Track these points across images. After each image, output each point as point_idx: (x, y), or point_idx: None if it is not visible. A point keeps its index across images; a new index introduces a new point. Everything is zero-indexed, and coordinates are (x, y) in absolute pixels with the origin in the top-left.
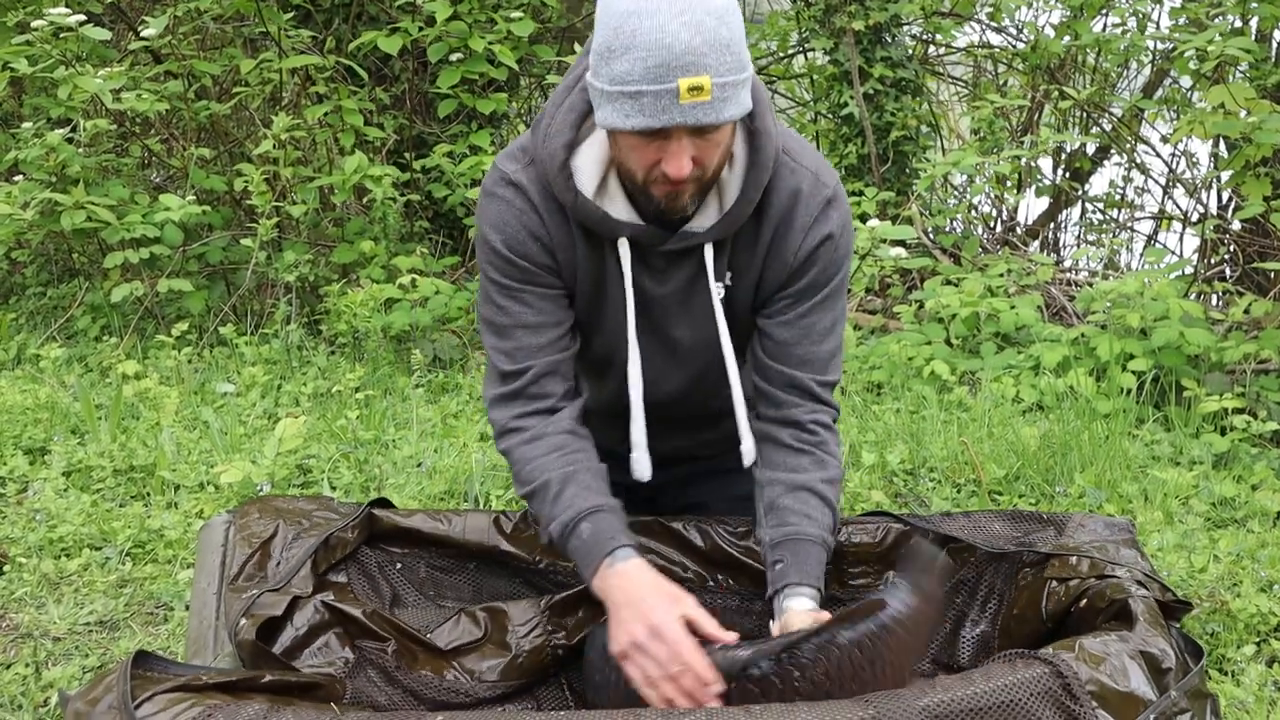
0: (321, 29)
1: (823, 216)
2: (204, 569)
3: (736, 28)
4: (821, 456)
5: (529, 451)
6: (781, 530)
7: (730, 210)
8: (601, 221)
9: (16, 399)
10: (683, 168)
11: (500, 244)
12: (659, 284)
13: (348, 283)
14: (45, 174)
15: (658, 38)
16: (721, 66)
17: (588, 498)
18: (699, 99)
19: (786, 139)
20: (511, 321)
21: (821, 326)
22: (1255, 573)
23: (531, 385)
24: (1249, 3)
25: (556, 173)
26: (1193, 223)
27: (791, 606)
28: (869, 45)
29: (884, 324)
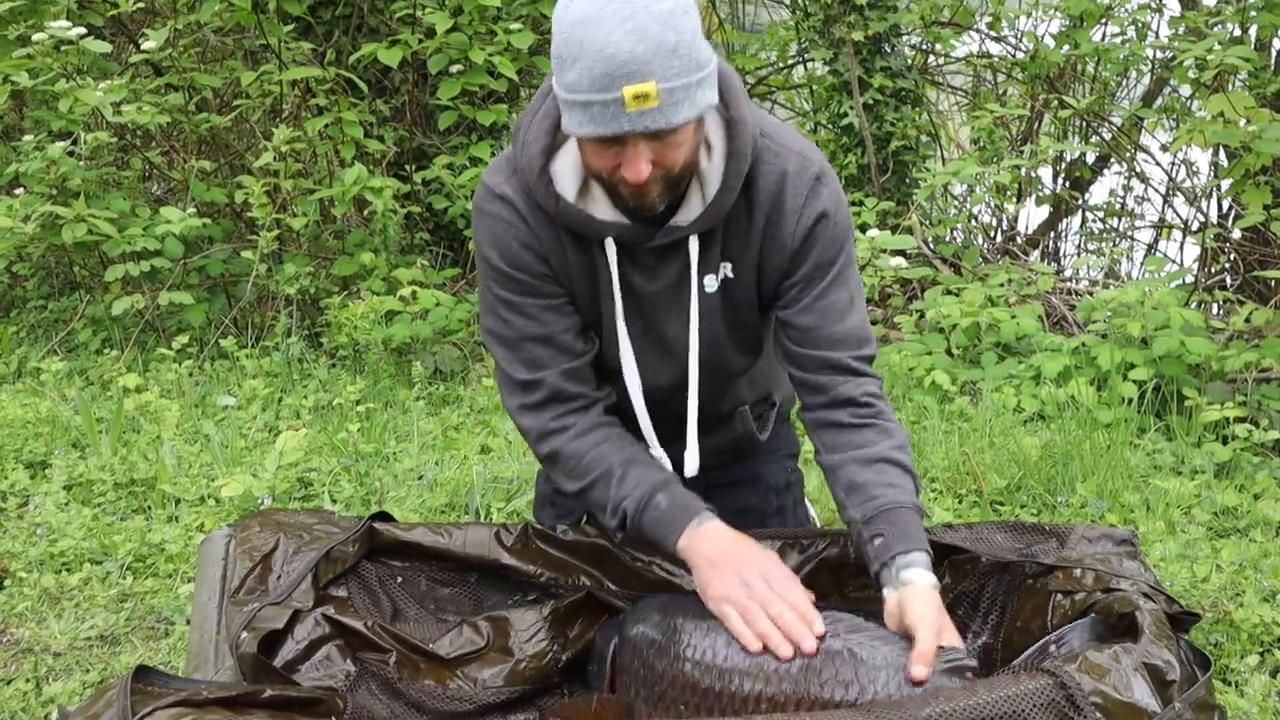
0: (322, 41)
1: (813, 195)
2: (205, 583)
3: (686, 30)
4: (884, 425)
5: (580, 445)
6: (872, 505)
7: (713, 201)
8: (586, 223)
9: (17, 413)
10: (640, 172)
11: (496, 258)
12: (650, 280)
13: (348, 295)
14: (46, 187)
15: (602, 47)
16: (668, 71)
17: (656, 474)
18: (646, 106)
19: (766, 124)
20: (518, 334)
21: (840, 304)
22: (1258, 582)
23: (556, 390)
24: (1248, 11)
25: (536, 179)
26: (1193, 231)
27: (911, 579)
28: (868, 55)
29: (885, 334)
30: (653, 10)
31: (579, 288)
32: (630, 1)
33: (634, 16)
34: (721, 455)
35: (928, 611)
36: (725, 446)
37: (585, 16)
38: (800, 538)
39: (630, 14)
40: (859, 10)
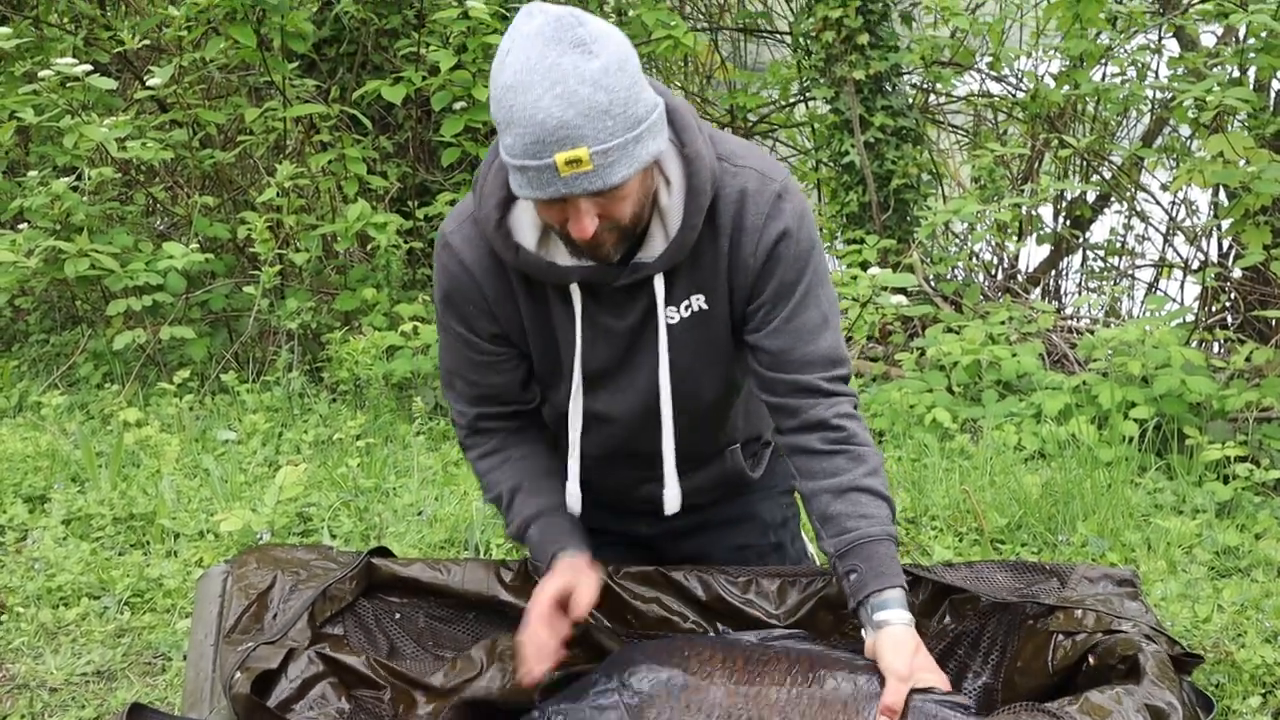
0: (326, 78)
1: (774, 212)
2: (201, 620)
3: (619, 88)
4: (856, 451)
5: (480, 467)
6: (844, 539)
7: (675, 238)
8: (549, 271)
9: (17, 447)
10: (585, 229)
11: (440, 306)
12: (618, 318)
13: (350, 330)
14: (50, 222)
15: (531, 114)
16: (601, 134)
17: (535, 504)
18: (580, 170)
19: (725, 144)
20: (453, 368)
21: (811, 324)
22: (1260, 623)
23: (476, 422)
24: (1246, 53)
25: (494, 232)
26: (1193, 270)
27: (887, 620)
28: (870, 94)
29: (885, 371)
30: (582, 72)
31: (533, 332)
32: (559, 64)
33: (563, 80)
34: (714, 493)
35: (899, 661)
36: (716, 484)
37: (515, 82)
38: (800, 575)
39: (559, 78)
40: (860, 49)
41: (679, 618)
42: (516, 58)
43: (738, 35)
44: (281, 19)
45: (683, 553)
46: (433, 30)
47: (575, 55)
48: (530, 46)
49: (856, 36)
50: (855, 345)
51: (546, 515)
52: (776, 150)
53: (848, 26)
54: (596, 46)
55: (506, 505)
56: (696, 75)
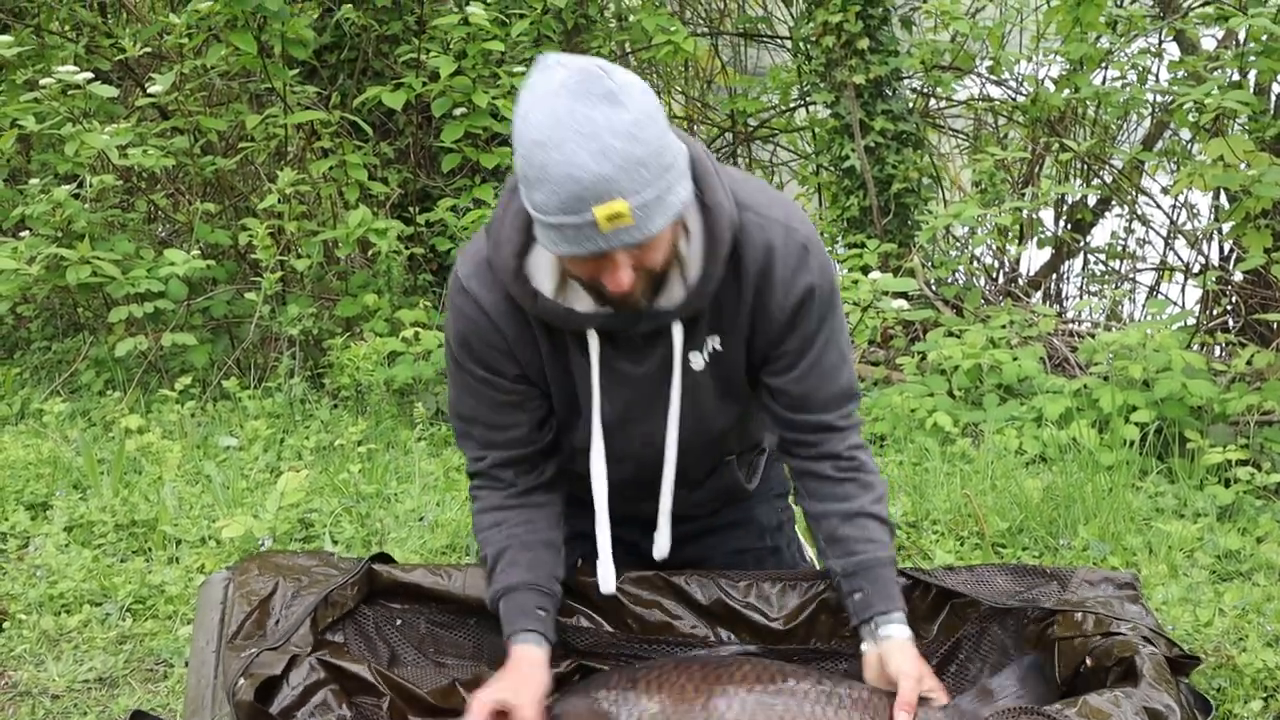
0: (327, 85)
1: (801, 267)
2: (203, 627)
3: (651, 137)
4: (865, 479)
5: (480, 521)
6: (852, 560)
7: (695, 287)
8: (567, 318)
9: (19, 454)
10: (623, 282)
11: (458, 349)
12: (636, 364)
13: (351, 336)
14: (51, 229)
15: (567, 170)
16: (638, 184)
17: (510, 576)
18: (620, 224)
19: (747, 192)
20: (470, 414)
21: (830, 364)
22: (1261, 627)
23: (492, 469)
24: (1246, 56)
25: (513, 280)
26: (1194, 274)
27: (892, 635)
28: (870, 99)
29: (886, 375)
30: (614, 125)
31: (554, 376)
32: (591, 118)
33: (596, 135)
34: (713, 503)
35: (909, 664)
36: (714, 496)
37: (545, 138)
38: (800, 579)
39: (592, 131)
40: (860, 54)
41: (681, 622)
42: (544, 113)
43: (738, 40)
44: (282, 26)
45: (680, 558)
46: (433, 36)
47: (606, 108)
48: (558, 101)
49: (857, 41)
50: (856, 350)
51: (520, 591)
52: (777, 154)
53: (848, 31)
54: (624, 97)
55: (489, 570)
56: (697, 80)
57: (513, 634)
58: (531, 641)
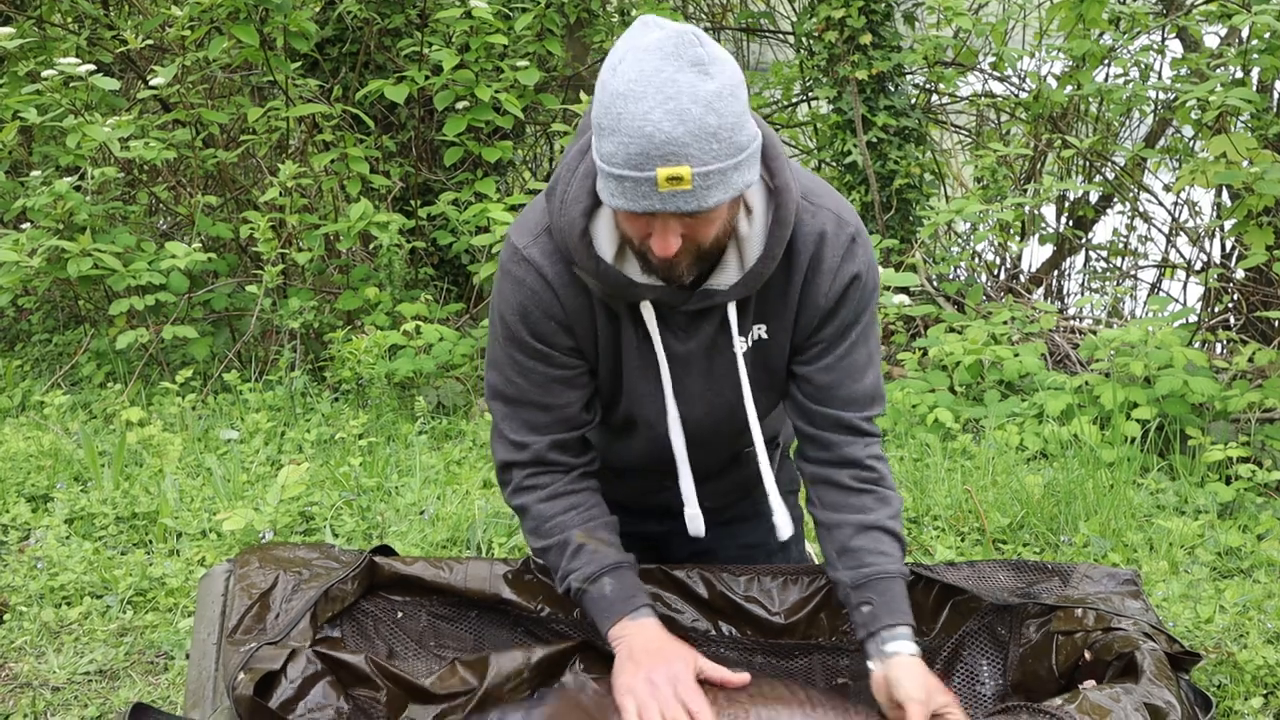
0: (329, 77)
1: (849, 255)
2: (204, 619)
3: (730, 113)
4: (883, 493)
5: (546, 509)
6: (862, 572)
7: (753, 269)
8: (625, 286)
9: (20, 446)
10: (668, 247)
11: (516, 322)
12: (682, 342)
13: (352, 329)
14: (53, 222)
15: (640, 125)
16: (705, 155)
17: (610, 554)
18: (679, 188)
19: (804, 181)
20: (521, 396)
21: (860, 362)
22: (1262, 624)
23: (540, 455)
24: (1249, 54)
25: (577, 241)
26: (1196, 271)
27: (898, 650)
28: (872, 94)
29: (888, 371)
30: (697, 92)
31: (605, 351)
32: (676, 80)
33: (677, 97)
34: (729, 495)
35: (916, 688)
36: (731, 488)
37: (628, 90)
38: (802, 574)
39: (674, 93)
40: (863, 49)
41: (682, 615)
42: (631, 67)
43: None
44: (284, 18)
45: (691, 549)
46: (435, 30)
47: (692, 74)
48: (647, 59)
49: (859, 36)
50: None
51: (626, 569)
52: None
53: (850, 26)
54: (714, 69)
55: (575, 550)
56: None
57: (639, 605)
58: (654, 616)
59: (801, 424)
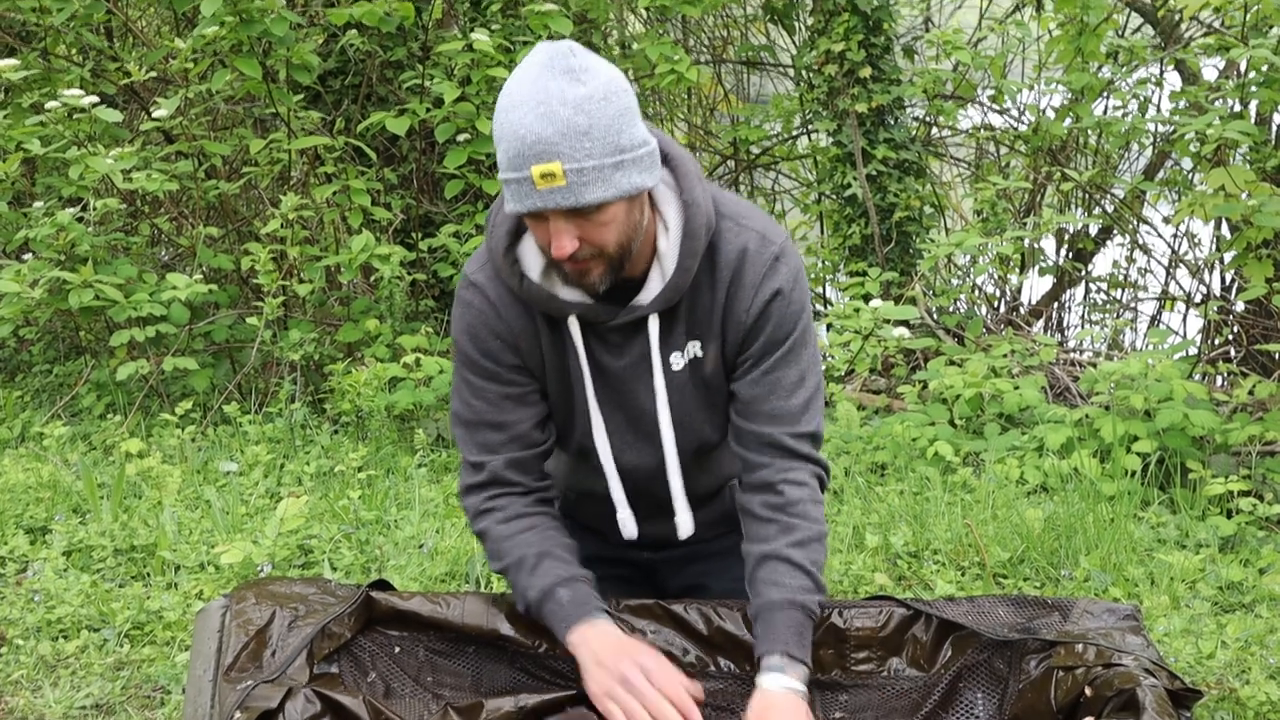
0: (331, 110)
1: (770, 272)
2: (200, 655)
3: (601, 115)
4: (788, 521)
5: (504, 530)
6: (755, 604)
7: (670, 280)
8: (549, 302)
9: (19, 477)
10: (562, 248)
11: (466, 344)
12: (616, 358)
13: (352, 361)
14: (54, 253)
15: (515, 129)
16: (577, 153)
17: (567, 569)
18: (554, 184)
19: (730, 205)
20: (476, 417)
21: (789, 380)
22: (1264, 659)
23: (497, 475)
24: (1248, 87)
25: (500, 260)
26: (1196, 304)
27: (765, 685)
28: (872, 127)
29: (888, 404)
30: (565, 96)
31: (551, 368)
32: (546, 88)
33: (546, 101)
34: (716, 528)
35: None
36: (717, 519)
37: (510, 103)
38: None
39: (543, 99)
40: (862, 83)
41: (679, 651)
42: (512, 82)
43: (741, 68)
44: (287, 51)
45: (682, 580)
46: (437, 63)
47: (562, 80)
48: (526, 73)
49: (859, 70)
50: (857, 378)
51: (580, 582)
52: (779, 182)
53: (850, 60)
54: (586, 76)
55: (532, 567)
56: (700, 108)
57: (596, 610)
58: (610, 620)
59: (734, 445)
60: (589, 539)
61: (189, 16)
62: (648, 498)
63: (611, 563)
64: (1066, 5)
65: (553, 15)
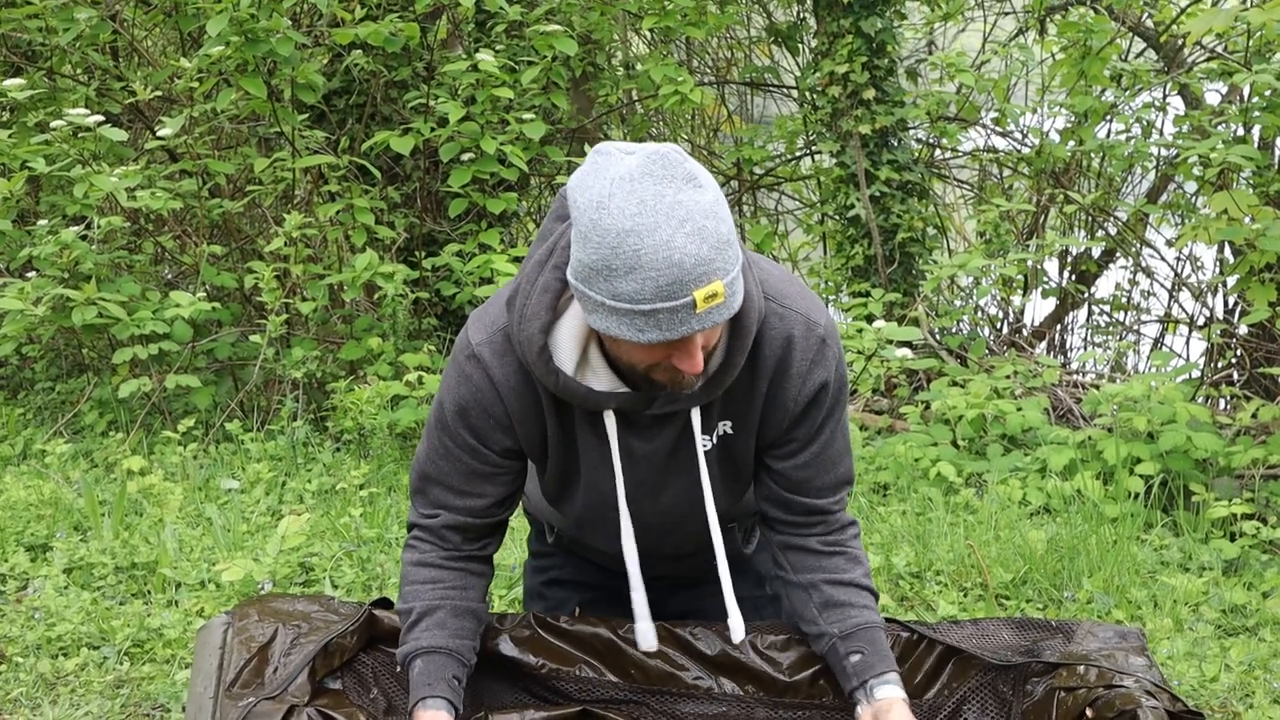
0: (335, 129)
1: (818, 360)
2: (200, 672)
3: (727, 217)
4: (853, 554)
5: (411, 574)
6: (850, 623)
7: (715, 375)
8: (586, 397)
9: (21, 495)
10: (698, 364)
11: (454, 415)
12: (646, 441)
13: (355, 379)
14: (58, 270)
15: (665, 255)
16: (728, 264)
17: (434, 636)
18: (715, 303)
19: (772, 281)
20: (437, 476)
21: (834, 453)
22: (1268, 683)
23: (439, 528)
24: (1250, 111)
25: (535, 357)
26: (1199, 326)
27: (888, 695)
28: (875, 148)
29: (890, 425)
30: (703, 205)
31: (554, 449)
32: (681, 201)
33: (690, 218)
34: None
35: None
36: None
37: (635, 226)
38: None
39: (685, 215)
40: (866, 104)
41: (684, 673)
42: (626, 200)
43: (744, 89)
44: (292, 71)
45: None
46: (441, 82)
47: (690, 190)
48: (641, 186)
49: (862, 92)
50: (860, 399)
51: (441, 655)
52: (782, 203)
53: (854, 82)
54: (703, 179)
55: (411, 624)
56: (703, 129)
57: (427, 697)
58: (444, 709)
59: (774, 511)
60: (587, 567)
61: (194, 36)
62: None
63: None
64: (1070, 29)
65: (558, 36)
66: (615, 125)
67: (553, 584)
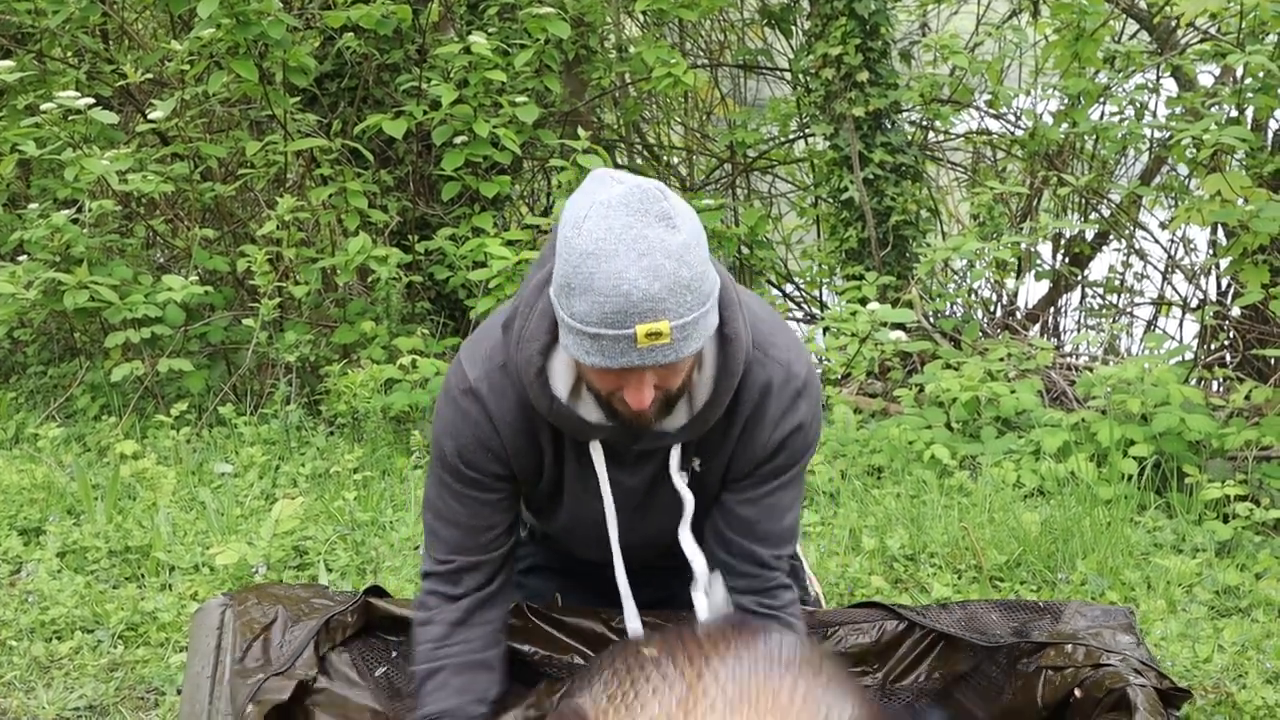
0: (327, 112)
1: (792, 408)
2: (197, 653)
3: (698, 262)
4: (787, 619)
5: (419, 634)
6: None
7: (699, 414)
8: (578, 426)
9: (13, 479)
10: (644, 400)
11: (451, 451)
12: (630, 475)
13: (348, 363)
14: (49, 254)
15: (615, 284)
16: (681, 308)
17: (439, 699)
18: (658, 342)
19: (760, 326)
20: (449, 516)
21: (783, 504)
22: (1260, 664)
23: (452, 574)
24: (1244, 93)
25: (532, 379)
26: (1192, 308)
27: None
28: (869, 131)
29: (884, 407)
30: (668, 245)
31: (547, 478)
32: (645, 236)
33: (650, 253)
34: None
35: None
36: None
37: (597, 249)
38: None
39: (646, 249)
40: (859, 86)
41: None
42: (598, 224)
43: (737, 72)
44: (284, 53)
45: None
46: (434, 65)
47: (661, 228)
48: (614, 215)
49: (856, 74)
50: (854, 381)
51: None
52: (775, 186)
53: (847, 64)
54: (679, 221)
55: (418, 687)
56: (696, 112)
57: None
58: None
59: (716, 548)
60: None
61: (185, 19)
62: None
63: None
64: (1063, 11)
65: (550, 19)
66: (608, 108)
67: (530, 572)
